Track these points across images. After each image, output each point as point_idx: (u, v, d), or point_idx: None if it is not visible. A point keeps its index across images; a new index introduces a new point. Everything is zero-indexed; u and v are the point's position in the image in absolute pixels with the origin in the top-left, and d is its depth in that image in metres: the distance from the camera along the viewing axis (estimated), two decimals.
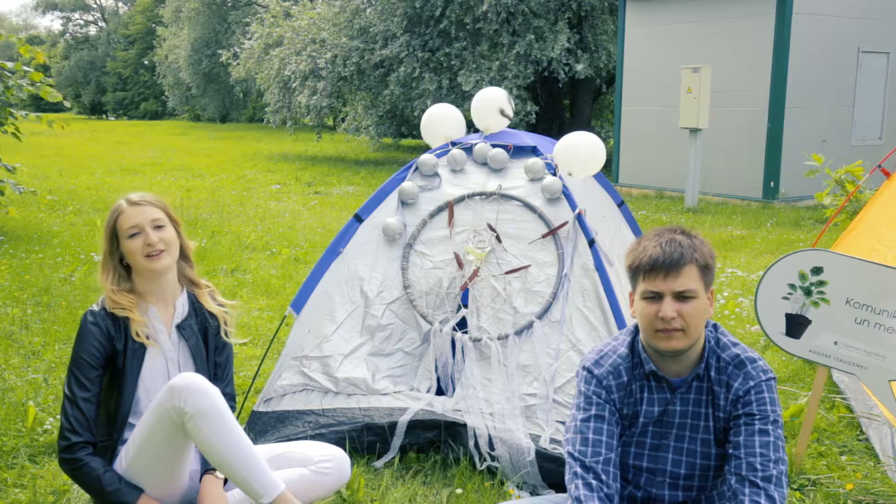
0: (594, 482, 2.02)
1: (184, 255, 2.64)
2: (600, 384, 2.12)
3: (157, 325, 2.58)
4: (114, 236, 2.54)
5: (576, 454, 2.07)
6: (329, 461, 2.60)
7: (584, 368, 2.17)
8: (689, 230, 2.07)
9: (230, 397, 2.75)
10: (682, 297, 1.98)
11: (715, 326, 2.14)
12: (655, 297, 2.00)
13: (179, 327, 2.61)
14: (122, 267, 2.57)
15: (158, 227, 2.53)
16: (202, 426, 2.30)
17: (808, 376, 4.04)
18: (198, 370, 2.63)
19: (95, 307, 2.56)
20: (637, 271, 2.04)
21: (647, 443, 2.14)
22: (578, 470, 2.05)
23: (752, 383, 2.04)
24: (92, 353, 2.47)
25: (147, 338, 2.52)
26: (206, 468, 2.50)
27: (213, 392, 2.36)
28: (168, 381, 2.53)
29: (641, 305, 2.03)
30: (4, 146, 7.92)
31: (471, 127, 3.88)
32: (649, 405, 2.12)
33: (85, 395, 2.44)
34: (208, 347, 2.67)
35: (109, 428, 2.51)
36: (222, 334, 2.69)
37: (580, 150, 3.47)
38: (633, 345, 2.16)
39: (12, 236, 7.71)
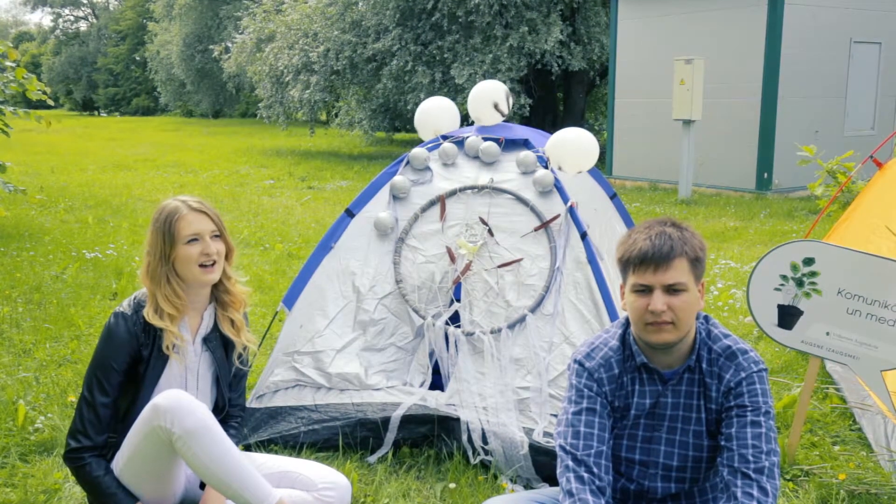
0: (586, 475, 2.02)
1: (226, 257, 2.57)
2: (591, 377, 2.12)
3: (185, 335, 2.54)
4: (170, 240, 2.44)
5: (567, 447, 2.07)
6: (332, 489, 2.56)
7: (575, 361, 2.16)
8: (679, 222, 2.05)
9: (240, 408, 2.74)
10: (672, 290, 1.97)
11: (706, 318, 2.13)
12: (645, 290, 1.99)
13: (205, 339, 2.58)
14: (174, 272, 2.47)
15: (215, 238, 2.49)
16: (191, 445, 2.27)
17: (801, 367, 4.04)
18: (218, 380, 2.62)
19: (126, 310, 2.48)
20: (627, 264, 2.03)
21: (639, 435, 2.14)
22: (570, 463, 2.04)
23: (743, 374, 2.03)
24: (119, 359, 2.42)
25: (173, 348, 2.48)
26: None
27: (201, 410, 2.31)
28: (184, 387, 2.53)
29: (631, 298, 2.03)
30: None
31: (466, 120, 3.87)
32: (641, 397, 2.12)
33: (104, 400, 2.42)
34: (229, 358, 2.65)
35: (117, 427, 2.48)
36: (234, 357, 2.65)
37: (572, 145, 3.46)
38: (624, 337, 2.15)
39: (3, 233, 7.67)
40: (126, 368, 2.45)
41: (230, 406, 2.68)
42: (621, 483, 2.18)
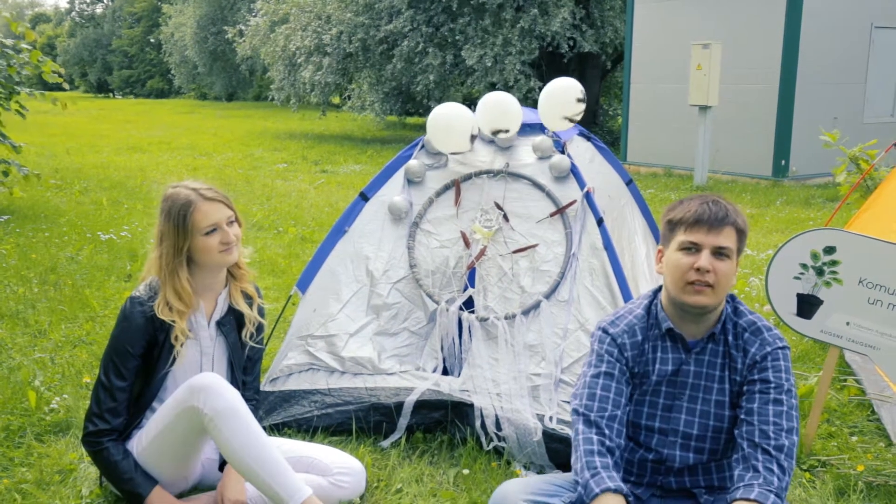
0: (596, 436, 2.04)
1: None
2: (614, 342, 2.16)
3: (200, 320, 2.55)
4: (184, 232, 2.42)
5: (581, 409, 2.10)
6: (347, 474, 2.59)
7: (599, 328, 2.21)
8: (729, 200, 2.14)
9: (255, 391, 2.75)
10: (719, 252, 2.03)
11: (732, 297, 2.18)
12: (693, 249, 2.04)
13: (219, 323, 2.59)
14: (185, 264, 2.47)
15: (231, 223, 2.50)
16: (221, 427, 2.29)
17: (819, 357, 4.00)
18: (232, 364, 2.63)
19: (142, 294, 2.48)
20: (678, 224, 2.08)
21: (659, 403, 2.16)
22: (581, 426, 2.08)
23: (768, 349, 2.08)
24: (135, 343, 2.43)
25: (184, 342, 2.47)
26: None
27: (231, 393, 2.34)
28: (199, 371, 2.54)
29: (676, 256, 2.06)
30: (11, 125, 7.89)
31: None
32: (663, 364, 2.14)
33: (121, 384, 2.43)
34: (242, 340, 2.65)
35: (131, 410, 2.50)
36: (244, 335, 2.64)
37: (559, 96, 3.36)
38: (649, 307, 2.19)
39: (19, 215, 7.71)
40: (142, 352, 2.46)
41: (244, 389, 2.68)
42: (640, 454, 2.18)
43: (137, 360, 2.45)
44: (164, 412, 2.41)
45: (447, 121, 3.38)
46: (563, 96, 3.40)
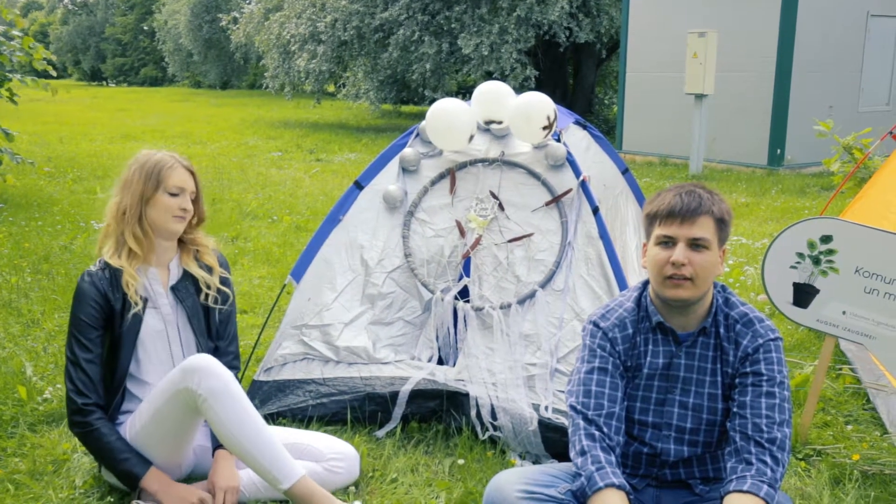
0: (597, 433, 2.04)
1: (199, 219, 2.67)
2: (605, 336, 2.14)
3: (157, 288, 2.57)
4: (154, 185, 2.52)
5: (578, 407, 2.09)
6: (341, 460, 2.60)
7: (590, 322, 2.20)
8: (708, 188, 2.10)
9: (234, 356, 2.74)
10: (695, 244, 2.00)
11: (723, 287, 2.16)
12: (669, 243, 2.02)
13: (174, 289, 2.60)
14: (145, 216, 2.54)
15: (193, 199, 2.61)
16: (215, 407, 2.30)
17: (814, 346, 4.00)
18: (197, 331, 2.62)
19: (93, 268, 2.54)
20: (654, 218, 2.06)
21: (652, 397, 2.15)
22: (581, 422, 2.07)
23: (760, 341, 2.06)
24: (90, 313, 2.46)
25: (141, 297, 2.50)
26: (218, 444, 2.48)
27: (225, 374, 2.36)
28: (167, 343, 2.56)
29: (654, 251, 2.05)
30: (3, 113, 7.83)
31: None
32: (654, 357, 2.13)
33: (87, 356, 2.44)
34: (207, 308, 2.66)
35: (106, 389, 2.51)
36: (202, 299, 2.65)
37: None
38: (639, 299, 2.18)
39: (12, 203, 7.66)
40: (101, 322, 2.47)
41: (218, 354, 2.65)
42: (634, 447, 2.18)
43: (98, 331, 2.47)
44: (158, 395, 2.41)
45: (447, 120, 3.34)
46: (531, 120, 3.28)
